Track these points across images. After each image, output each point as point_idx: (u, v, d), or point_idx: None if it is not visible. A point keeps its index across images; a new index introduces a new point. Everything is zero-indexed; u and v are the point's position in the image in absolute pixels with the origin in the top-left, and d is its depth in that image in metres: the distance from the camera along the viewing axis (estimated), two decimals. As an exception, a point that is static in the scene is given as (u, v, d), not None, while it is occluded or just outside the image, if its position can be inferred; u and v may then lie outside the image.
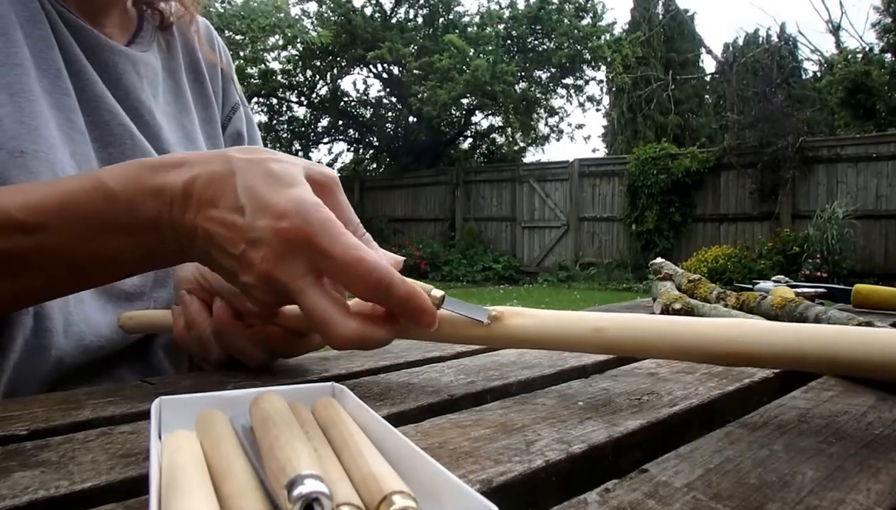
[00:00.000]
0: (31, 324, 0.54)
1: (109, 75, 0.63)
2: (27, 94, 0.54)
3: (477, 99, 12.61)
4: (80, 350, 0.57)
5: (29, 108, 0.54)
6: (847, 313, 0.62)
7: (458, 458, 0.31)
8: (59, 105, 0.57)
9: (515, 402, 0.41)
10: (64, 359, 0.56)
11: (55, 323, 0.55)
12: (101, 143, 0.60)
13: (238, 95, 0.81)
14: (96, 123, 0.60)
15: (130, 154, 0.61)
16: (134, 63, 0.65)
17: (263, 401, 0.29)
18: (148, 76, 0.67)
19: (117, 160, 0.60)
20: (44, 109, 0.55)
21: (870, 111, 10.80)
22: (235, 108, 0.80)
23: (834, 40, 13.95)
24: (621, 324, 0.41)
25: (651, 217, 9.39)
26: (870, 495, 0.27)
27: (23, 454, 0.32)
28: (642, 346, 0.40)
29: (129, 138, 0.62)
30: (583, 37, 12.31)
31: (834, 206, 7.75)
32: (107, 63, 0.63)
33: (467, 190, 11.61)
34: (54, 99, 0.57)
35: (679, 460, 0.31)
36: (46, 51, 0.57)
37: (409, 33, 13.56)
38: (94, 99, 0.60)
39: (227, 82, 0.80)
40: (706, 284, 0.85)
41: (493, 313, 0.44)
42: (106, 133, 0.61)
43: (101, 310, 0.59)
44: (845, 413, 0.40)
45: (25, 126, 0.53)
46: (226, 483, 0.23)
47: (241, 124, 0.80)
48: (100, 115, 0.61)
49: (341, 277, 0.40)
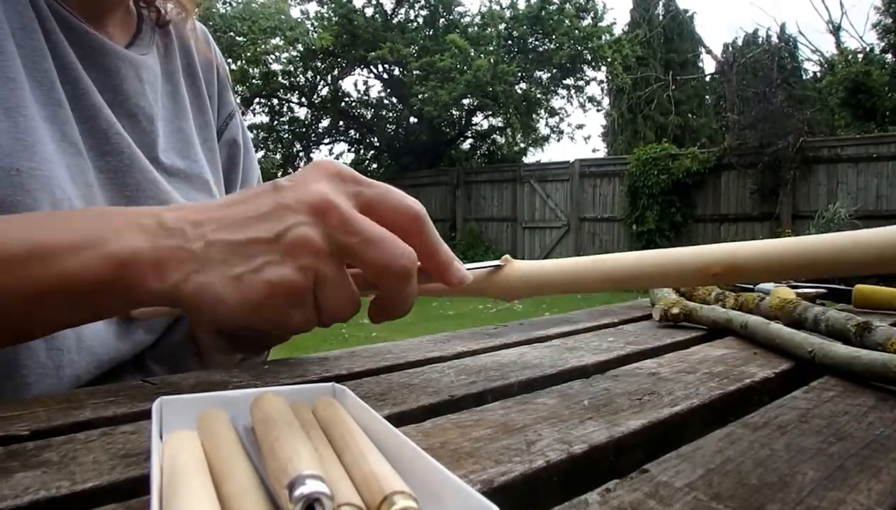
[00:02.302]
0: (43, 346, 0.53)
1: (110, 80, 0.62)
2: (22, 109, 0.53)
3: (478, 99, 12.62)
4: (94, 364, 0.56)
5: (24, 123, 0.53)
6: (846, 313, 0.62)
7: (459, 458, 0.31)
8: (52, 117, 0.56)
9: (516, 402, 0.41)
10: (81, 376, 0.55)
11: (67, 342, 0.54)
12: (98, 152, 0.59)
13: (233, 102, 0.81)
14: (93, 132, 0.59)
15: (129, 163, 0.61)
16: (136, 68, 0.65)
17: (264, 401, 0.29)
18: (149, 80, 0.66)
19: (116, 169, 0.60)
20: (38, 124, 0.54)
21: (870, 111, 10.79)
22: (232, 114, 0.80)
23: (834, 40, 13.94)
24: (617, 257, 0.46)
25: (652, 217, 9.40)
26: (871, 495, 0.27)
27: (24, 454, 0.32)
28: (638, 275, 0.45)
29: (127, 147, 0.61)
30: (583, 37, 12.31)
31: (836, 206, 7.75)
32: (108, 68, 0.62)
33: (468, 190, 11.61)
34: (48, 111, 0.56)
35: (680, 460, 0.31)
36: (39, 61, 0.56)
37: (410, 34, 13.57)
38: (90, 108, 0.59)
39: (223, 88, 0.79)
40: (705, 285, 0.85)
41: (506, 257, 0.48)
42: (103, 142, 0.60)
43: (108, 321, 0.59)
44: (846, 413, 0.40)
45: (21, 142, 0.52)
46: (227, 483, 0.23)
47: (237, 131, 0.80)
48: (97, 123, 0.60)
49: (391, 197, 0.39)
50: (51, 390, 0.53)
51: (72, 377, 0.54)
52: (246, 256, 0.38)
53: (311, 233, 0.37)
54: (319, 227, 0.38)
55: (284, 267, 0.38)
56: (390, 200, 0.40)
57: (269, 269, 0.37)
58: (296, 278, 0.38)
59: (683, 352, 0.59)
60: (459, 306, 7.01)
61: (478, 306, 7.04)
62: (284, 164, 15.17)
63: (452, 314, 6.36)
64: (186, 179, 0.68)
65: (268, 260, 0.38)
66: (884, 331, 0.55)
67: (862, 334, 0.57)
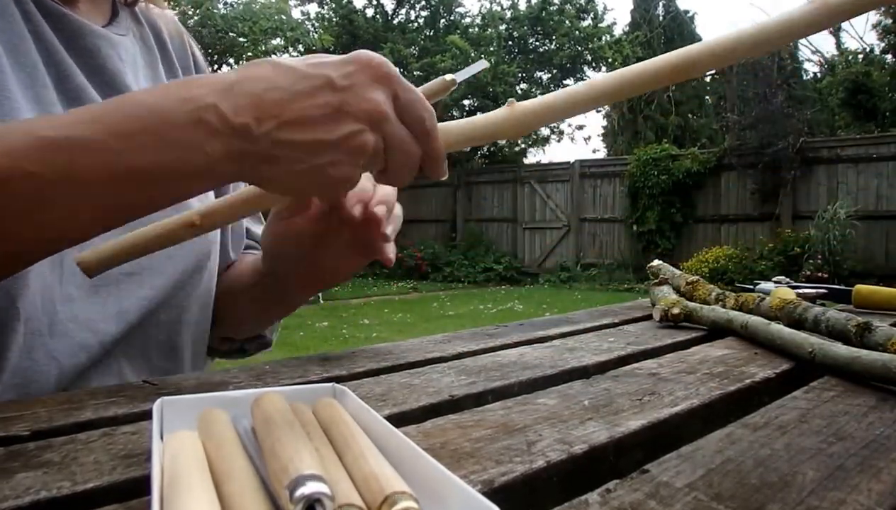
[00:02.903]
0: (23, 329, 0.53)
1: (94, 60, 0.62)
2: (5, 92, 0.53)
3: (478, 100, 12.62)
4: (75, 348, 0.56)
5: (8, 105, 0.53)
6: (846, 313, 0.62)
7: (459, 459, 0.31)
8: (37, 98, 0.56)
9: (517, 403, 0.41)
10: (62, 361, 0.55)
11: (41, 325, 0.54)
12: None
13: None
14: None
15: None
16: (116, 47, 0.64)
17: (265, 401, 0.29)
18: (129, 61, 0.66)
19: None
20: (22, 106, 0.54)
21: (870, 112, 10.79)
22: None
23: (834, 41, 13.93)
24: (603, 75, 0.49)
25: (652, 217, 9.39)
26: (871, 495, 0.27)
27: (25, 455, 0.32)
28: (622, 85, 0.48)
29: None
30: (584, 38, 12.32)
31: (836, 206, 7.74)
32: (90, 48, 0.62)
33: (468, 191, 11.61)
34: (33, 92, 0.56)
35: (680, 460, 0.31)
36: (20, 44, 0.56)
37: (411, 34, 13.58)
38: (74, 90, 0.59)
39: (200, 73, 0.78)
40: (704, 286, 0.85)
41: (511, 99, 0.51)
42: None
43: (91, 302, 0.59)
44: (846, 413, 0.40)
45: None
46: (227, 483, 0.23)
47: None
48: (83, 104, 0.59)
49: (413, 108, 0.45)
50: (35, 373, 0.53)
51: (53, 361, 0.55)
52: (311, 154, 0.43)
53: (369, 140, 0.43)
54: (375, 134, 0.44)
55: (344, 165, 0.43)
56: (414, 111, 0.45)
57: (331, 168, 0.43)
58: (353, 173, 0.44)
59: (684, 353, 0.59)
60: (459, 306, 7.02)
61: (478, 306, 7.05)
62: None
63: (452, 314, 6.36)
64: None
65: (332, 159, 0.43)
66: (884, 332, 0.55)
67: (862, 334, 0.57)
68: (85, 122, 0.41)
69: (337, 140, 0.42)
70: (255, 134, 0.41)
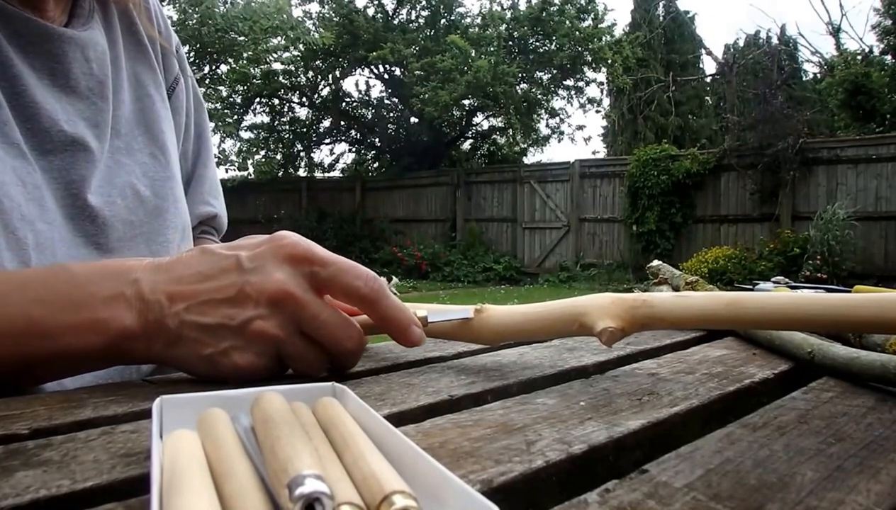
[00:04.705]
0: None
1: (60, 66, 0.60)
2: None
3: (478, 100, 12.62)
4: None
5: None
6: (847, 314, 0.62)
7: (458, 458, 0.31)
8: None
9: (516, 403, 0.41)
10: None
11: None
12: (40, 152, 0.57)
13: (180, 67, 0.79)
14: (35, 131, 0.57)
15: (72, 160, 0.59)
16: (82, 47, 0.62)
17: (264, 400, 0.29)
18: (96, 57, 0.64)
19: (59, 169, 0.58)
20: None
21: (870, 113, 10.79)
22: (177, 79, 0.78)
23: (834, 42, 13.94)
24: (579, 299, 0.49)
25: (652, 218, 9.40)
26: (870, 496, 0.27)
27: (25, 453, 0.32)
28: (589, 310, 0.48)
29: (71, 145, 0.59)
30: (584, 38, 12.31)
31: (835, 207, 7.75)
32: (55, 53, 0.60)
33: (468, 191, 11.61)
34: None
35: (679, 460, 0.31)
36: None
37: (411, 34, 13.57)
38: (30, 106, 0.57)
39: (166, 55, 0.77)
40: (704, 286, 0.85)
41: (477, 307, 0.50)
42: (46, 141, 0.58)
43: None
44: (845, 414, 0.40)
45: None
46: (227, 483, 0.23)
47: (183, 96, 0.79)
48: (39, 122, 0.57)
49: (342, 279, 0.43)
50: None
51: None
52: (214, 338, 0.43)
53: (269, 326, 0.43)
54: (277, 318, 0.43)
55: (247, 352, 0.43)
56: (342, 281, 0.45)
57: (235, 354, 0.43)
58: (258, 361, 0.43)
59: (683, 353, 0.59)
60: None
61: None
62: (285, 164, 15.19)
63: (452, 314, 6.35)
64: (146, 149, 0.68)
65: (233, 344, 0.43)
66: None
67: (861, 335, 0.57)
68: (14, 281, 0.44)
69: (238, 325, 0.42)
70: (166, 312, 0.43)
